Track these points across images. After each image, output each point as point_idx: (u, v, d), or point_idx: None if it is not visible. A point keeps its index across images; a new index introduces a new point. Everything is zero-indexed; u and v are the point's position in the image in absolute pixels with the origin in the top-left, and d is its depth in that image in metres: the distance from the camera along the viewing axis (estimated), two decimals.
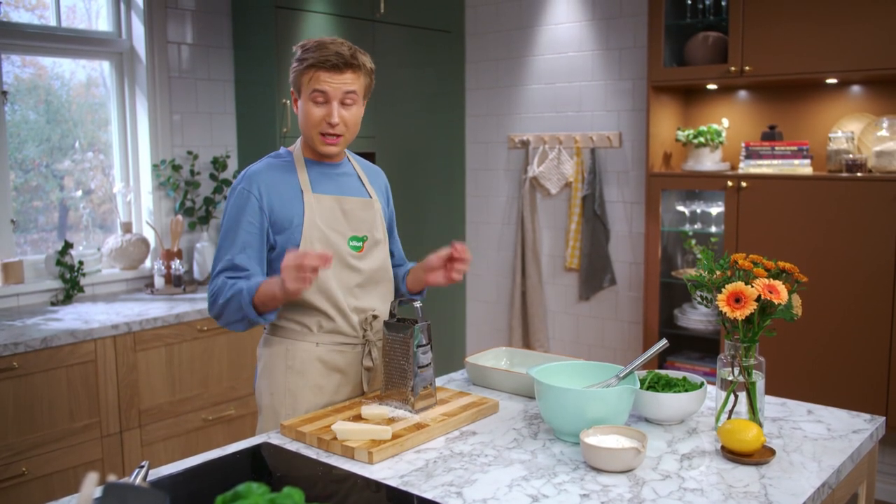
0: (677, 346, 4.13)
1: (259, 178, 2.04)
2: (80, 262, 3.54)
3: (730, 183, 3.69)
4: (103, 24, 3.83)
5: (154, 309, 3.36)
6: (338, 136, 2.04)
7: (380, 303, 2.15)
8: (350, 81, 2.01)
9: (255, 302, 1.95)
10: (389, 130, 4.38)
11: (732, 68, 3.64)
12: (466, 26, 4.86)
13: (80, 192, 3.80)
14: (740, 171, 3.74)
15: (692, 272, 1.90)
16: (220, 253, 2.04)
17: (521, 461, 1.71)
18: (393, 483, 1.61)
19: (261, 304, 1.95)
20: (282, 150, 2.16)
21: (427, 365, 1.98)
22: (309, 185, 2.07)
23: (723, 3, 3.79)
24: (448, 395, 2.09)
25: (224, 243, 2.03)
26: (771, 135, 3.77)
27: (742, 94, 4.02)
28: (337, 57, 1.98)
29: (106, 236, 3.87)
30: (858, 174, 3.45)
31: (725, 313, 1.73)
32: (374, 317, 2.12)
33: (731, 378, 1.80)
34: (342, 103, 2.02)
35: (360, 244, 2.11)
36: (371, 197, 2.17)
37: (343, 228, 2.09)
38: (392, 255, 2.32)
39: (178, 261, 3.77)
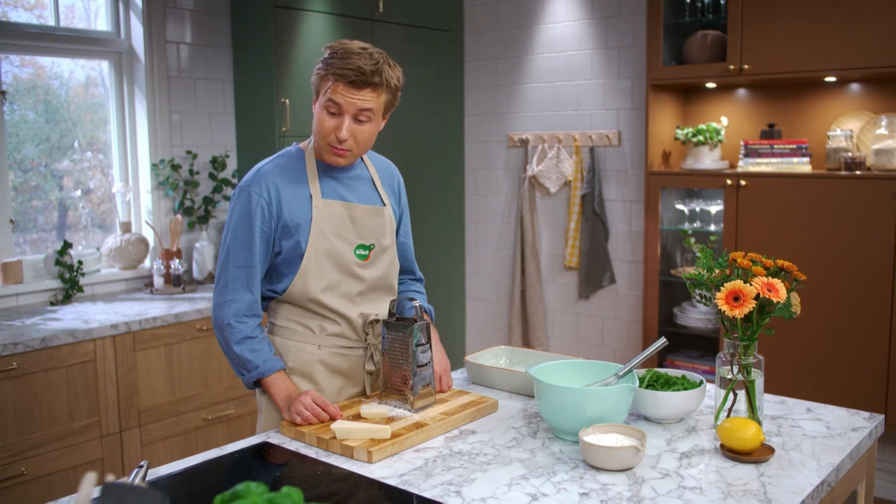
0: (676, 345, 4.13)
1: (269, 179, 1.98)
2: (80, 262, 3.54)
3: (729, 181, 3.69)
4: (102, 23, 3.83)
5: (153, 308, 3.36)
6: (345, 150, 1.98)
7: (382, 310, 2.12)
8: (368, 99, 1.92)
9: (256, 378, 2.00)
10: (388, 129, 4.32)
11: (731, 67, 3.64)
12: (465, 25, 4.86)
13: (79, 192, 3.80)
14: (739, 170, 3.74)
15: (691, 270, 1.89)
16: (230, 258, 1.99)
17: (520, 460, 1.71)
18: (392, 482, 1.61)
19: (260, 382, 2.01)
20: (294, 147, 2.09)
21: (426, 364, 1.98)
22: (319, 189, 2.02)
23: (721, 2, 3.79)
24: (447, 394, 2.09)
25: (236, 247, 1.98)
26: (770, 133, 3.77)
27: (741, 92, 4.02)
28: (356, 73, 1.89)
29: (105, 236, 3.87)
30: (857, 172, 3.44)
31: (724, 312, 1.73)
32: (377, 321, 2.10)
33: (730, 376, 1.81)
34: (356, 119, 1.94)
35: (367, 252, 2.08)
36: (384, 204, 2.12)
37: (350, 236, 2.05)
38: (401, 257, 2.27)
39: (177, 260, 3.77)
